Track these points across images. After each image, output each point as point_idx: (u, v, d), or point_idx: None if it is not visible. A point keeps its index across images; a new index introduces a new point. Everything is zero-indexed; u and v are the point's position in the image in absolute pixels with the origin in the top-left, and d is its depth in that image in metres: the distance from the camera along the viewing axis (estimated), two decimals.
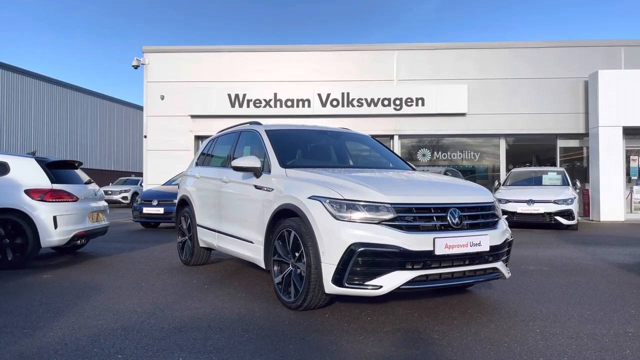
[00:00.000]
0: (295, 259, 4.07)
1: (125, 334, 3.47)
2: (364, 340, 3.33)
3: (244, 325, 3.68)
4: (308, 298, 3.91)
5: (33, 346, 3.21)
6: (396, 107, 15.89)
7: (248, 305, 4.29)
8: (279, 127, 5.53)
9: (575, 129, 16.05)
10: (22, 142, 29.75)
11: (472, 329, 3.61)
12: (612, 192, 14.93)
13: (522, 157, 18.01)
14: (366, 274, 3.65)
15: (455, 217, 3.89)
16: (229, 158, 5.69)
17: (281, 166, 4.64)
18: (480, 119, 15.97)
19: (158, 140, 16.44)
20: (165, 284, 5.25)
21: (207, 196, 5.88)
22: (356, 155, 5.66)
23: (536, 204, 11.61)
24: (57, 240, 6.37)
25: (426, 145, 16.89)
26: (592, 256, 7.42)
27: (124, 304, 4.34)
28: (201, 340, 3.33)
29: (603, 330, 3.57)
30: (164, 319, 3.87)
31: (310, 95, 16.00)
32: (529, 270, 6.10)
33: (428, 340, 3.33)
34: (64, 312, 4.07)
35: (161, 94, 16.37)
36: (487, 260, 4.02)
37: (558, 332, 3.54)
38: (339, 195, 3.81)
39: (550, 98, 15.93)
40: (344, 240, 3.67)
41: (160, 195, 11.81)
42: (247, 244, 4.88)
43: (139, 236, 10.46)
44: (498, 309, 4.19)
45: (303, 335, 3.43)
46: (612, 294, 4.78)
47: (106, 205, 7.63)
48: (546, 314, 4.05)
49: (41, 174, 6.50)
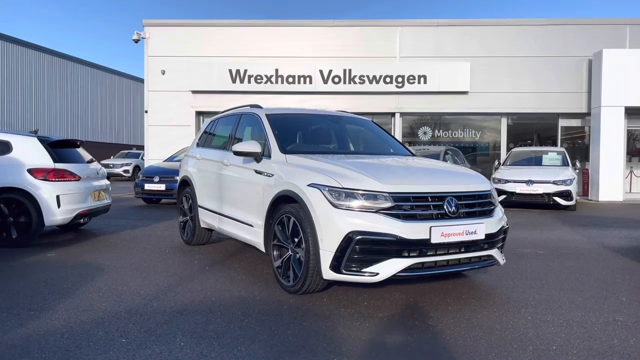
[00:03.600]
0: (295, 245, 4.15)
1: (129, 317, 3.58)
2: (360, 327, 3.44)
3: (244, 309, 3.78)
4: (306, 283, 4.01)
5: (39, 329, 3.32)
6: (398, 84, 15.81)
7: (248, 288, 4.39)
8: (280, 111, 5.55)
9: (578, 109, 15.99)
10: (22, 114, 29.69)
11: (465, 315, 3.71)
12: (612, 172, 14.97)
13: (524, 135, 18.01)
14: (363, 261, 3.74)
15: (452, 205, 3.95)
16: (229, 140, 5.73)
17: (281, 152, 4.68)
18: (482, 98, 15.90)
19: (159, 116, 16.42)
20: (167, 265, 5.36)
21: (208, 178, 5.94)
22: (356, 140, 5.70)
23: (535, 184, 11.67)
24: (60, 219, 6.46)
25: (427, 123, 16.87)
26: (588, 239, 7.52)
27: (127, 286, 4.45)
28: (202, 324, 3.44)
29: (592, 318, 3.67)
30: (166, 301, 3.98)
31: (311, 72, 15.90)
32: (525, 254, 6.20)
33: (422, 327, 3.44)
34: (68, 293, 4.17)
35: (162, 68, 16.28)
36: (483, 248, 4.10)
37: (549, 319, 3.64)
38: (338, 184, 3.87)
39: (553, 77, 15.83)
40: (342, 228, 3.74)
41: (161, 171, 11.88)
42: (247, 227, 4.97)
43: (141, 213, 10.57)
44: (492, 295, 4.29)
45: (301, 321, 3.54)
46: (605, 280, 4.88)
47: (108, 184, 7.70)
48: (538, 300, 4.15)
49: (43, 153, 6.56)
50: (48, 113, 31.50)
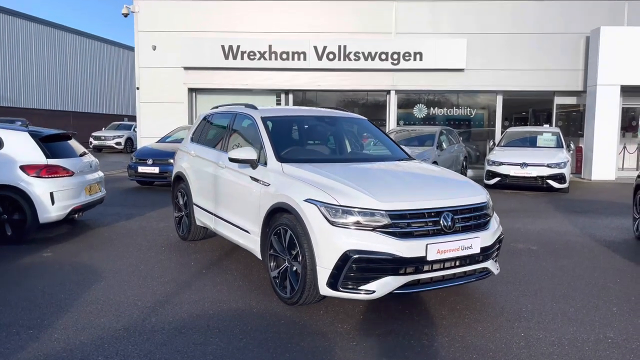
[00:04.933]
0: (292, 257, 4.17)
1: (127, 336, 3.61)
2: (357, 347, 3.50)
3: (242, 326, 3.83)
4: (303, 296, 4.05)
5: (39, 352, 3.35)
6: (393, 61, 15.60)
7: (246, 298, 4.43)
8: (275, 114, 5.47)
9: (574, 86, 15.90)
10: (10, 85, 29.12)
11: (459, 331, 3.78)
12: (606, 151, 15.02)
13: (519, 112, 17.97)
14: (360, 279, 3.78)
15: (448, 220, 3.96)
16: (224, 141, 5.67)
17: (278, 160, 4.65)
18: (478, 75, 15.75)
19: (151, 92, 16.17)
20: (163, 267, 5.38)
21: (203, 177, 5.91)
22: (353, 142, 5.66)
23: (529, 167, 11.70)
24: (55, 216, 6.44)
25: (423, 101, 16.74)
26: (581, 230, 7.61)
27: (125, 295, 4.48)
28: (201, 346, 3.48)
29: (584, 335, 3.75)
30: (164, 315, 4.01)
31: (305, 48, 15.62)
32: (518, 250, 6.28)
33: (417, 349, 3.50)
34: (66, 305, 4.19)
35: (153, 44, 15.94)
36: (478, 261, 4.14)
37: (541, 336, 3.72)
38: (335, 201, 3.87)
39: (550, 54, 15.66)
40: (338, 246, 3.76)
41: (155, 154, 11.79)
42: (243, 233, 4.98)
43: (135, 197, 10.55)
44: (486, 305, 4.36)
45: (298, 340, 3.59)
46: (596, 285, 4.96)
47: (102, 176, 7.64)
48: (531, 311, 4.22)
49: (35, 149, 6.47)
50: (37, 83, 30.92)
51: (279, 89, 16.44)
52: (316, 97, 17.10)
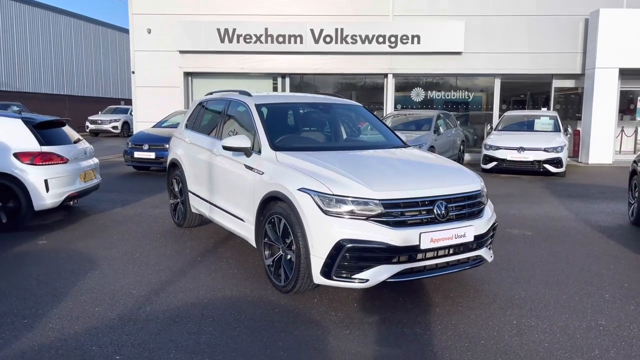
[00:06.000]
0: (286, 246, 4.18)
1: (122, 325, 3.63)
2: (350, 336, 3.52)
3: (236, 314, 3.85)
4: (297, 285, 4.06)
5: (34, 342, 3.36)
6: (391, 44, 15.46)
7: (240, 286, 4.45)
8: (270, 101, 5.43)
9: (572, 69, 15.78)
10: (5, 69, 28.85)
11: (452, 319, 3.80)
12: (603, 134, 14.99)
13: (517, 95, 17.87)
14: (353, 268, 3.79)
15: (441, 209, 3.96)
16: (218, 128, 5.64)
17: (272, 148, 4.62)
18: (476, 58, 15.61)
19: (146, 76, 16.02)
20: (159, 254, 5.39)
21: (197, 165, 5.89)
22: (348, 129, 5.63)
23: (526, 151, 11.69)
24: (50, 204, 6.43)
25: (420, 84, 16.63)
26: (576, 215, 7.62)
27: (120, 283, 4.49)
28: (195, 335, 3.50)
29: (576, 322, 3.78)
30: (159, 304, 4.03)
31: (302, 31, 15.45)
32: (513, 236, 6.30)
33: (410, 337, 3.52)
34: (61, 294, 4.21)
35: (148, 27, 15.74)
36: (471, 249, 4.15)
37: (533, 324, 3.74)
38: (328, 190, 3.86)
39: (549, 37, 15.51)
40: (332, 236, 3.76)
41: (150, 139, 11.74)
42: (238, 221, 4.98)
43: (131, 183, 10.53)
44: (479, 292, 4.38)
45: (292, 329, 3.61)
46: (590, 271, 4.98)
47: (97, 163, 7.61)
48: (524, 298, 4.25)
49: (29, 136, 6.43)
50: (33, 67, 30.63)
51: (275, 72, 16.31)
52: (314, 80, 16.98)
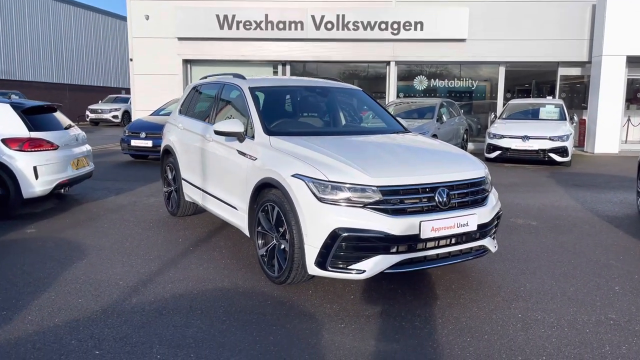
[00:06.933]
0: (279, 235, 3.98)
1: (105, 318, 3.44)
2: (345, 330, 3.32)
3: (226, 306, 3.66)
4: (291, 276, 3.86)
5: (11, 335, 3.18)
6: (394, 31, 15.16)
7: (232, 277, 4.26)
8: (264, 84, 5.20)
9: (578, 57, 15.48)
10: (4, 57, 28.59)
11: (454, 312, 3.60)
12: (610, 123, 14.70)
13: (521, 84, 17.56)
14: (349, 258, 3.58)
15: (443, 196, 3.75)
16: (211, 113, 5.42)
17: (265, 133, 4.41)
18: (480, 45, 15.32)
19: (145, 64, 15.80)
20: (150, 244, 5.20)
21: (190, 151, 5.68)
22: (346, 114, 5.39)
23: (531, 140, 11.43)
24: (39, 191, 6.23)
25: (423, 72, 16.34)
26: (582, 204, 7.40)
27: (107, 273, 4.30)
28: (181, 328, 3.31)
29: (585, 316, 3.57)
30: (145, 295, 3.84)
31: (303, 17, 15.16)
32: (517, 226, 6.08)
33: (409, 331, 3.32)
34: (45, 285, 4.02)
35: (146, 13, 15.49)
36: (475, 239, 3.94)
37: (539, 317, 3.54)
38: (324, 176, 3.64)
39: (555, 23, 15.19)
40: (327, 224, 3.55)
41: (148, 127, 11.50)
42: (231, 209, 4.77)
43: (127, 172, 10.34)
44: (482, 284, 4.18)
45: (284, 322, 3.41)
46: (598, 262, 4.77)
47: (89, 150, 7.41)
48: (530, 290, 4.04)
49: (17, 122, 6.23)
50: (32, 55, 30.36)
51: (275, 60, 16.05)
52: (317, 69, 16.69)
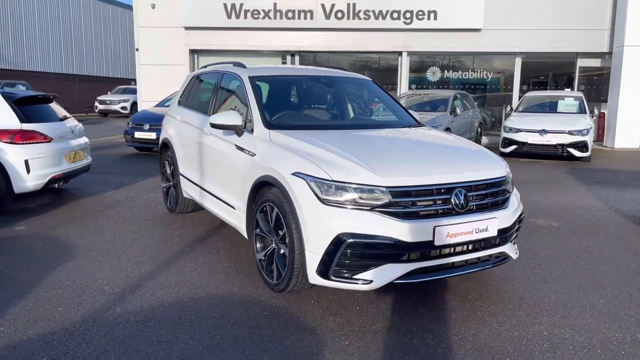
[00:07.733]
0: (279, 238, 3.62)
1: (84, 330, 3.11)
2: (348, 348, 2.96)
3: (218, 318, 3.31)
4: (291, 283, 3.51)
5: None
6: (406, 20, 14.67)
7: (228, 283, 3.91)
8: (265, 73, 4.82)
9: (599, 48, 14.86)
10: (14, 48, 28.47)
11: (471, 328, 3.23)
12: (631, 117, 14.09)
13: (537, 76, 16.98)
14: (355, 267, 3.22)
15: (460, 198, 3.36)
16: (210, 104, 5.07)
17: (265, 126, 4.04)
18: (495, 35, 14.76)
19: (151, 54, 15.49)
20: (143, 244, 4.87)
21: (188, 145, 5.33)
22: (353, 107, 5.00)
23: (549, 134, 10.92)
24: (31, 186, 5.93)
25: (436, 63, 15.83)
26: (605, 203, 6.95)
27: (93, 277, 3.98)
28: (166, 343, 2.97)
29: (618, 334, 3.17)
30: (132, 304, 3.51)
31: (312, 6, 14.72)
32: (538, 227, 5.67)
33: (421, 350, 2.95)
34: (25, 290, 3.71)
35: (152, 2, 15.14)
36: (494, 245, 3.56)
37: (568, 335, 3.15)
38: (327, 175, 3.27)
39: (573, 12, 14.58)
40: (330, 229, 3.18)
41: (152, 118, 11.18)
42: (229, 208, 4.42)
43: (129, 164, 10.04)
44: (502, 294, 3.79)
45: (281, 338, 3.06)
46: (629, 270, 4.35)
47: (87, 142, 7.10)
48: (555, 302, 3.65)
49: (8, 112, 5.93)
50: (41, 46, 30.21)
51: (284, 50, 15.63)
52: (327, 60, 16.22)
